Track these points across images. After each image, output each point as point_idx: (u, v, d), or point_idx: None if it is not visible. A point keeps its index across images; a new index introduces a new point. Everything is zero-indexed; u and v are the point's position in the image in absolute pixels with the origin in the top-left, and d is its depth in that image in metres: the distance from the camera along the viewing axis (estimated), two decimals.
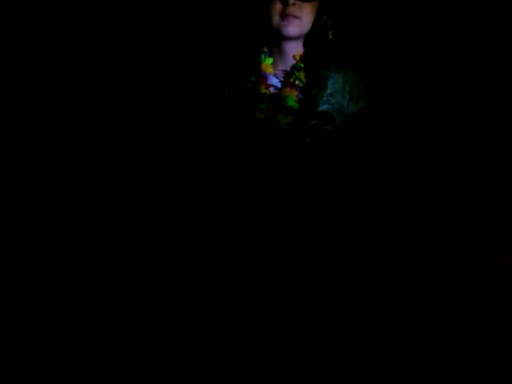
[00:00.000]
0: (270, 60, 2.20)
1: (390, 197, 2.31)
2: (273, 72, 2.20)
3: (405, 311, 2.40)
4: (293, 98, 2.14)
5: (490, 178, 2.54)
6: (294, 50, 2.20)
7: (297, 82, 2.16)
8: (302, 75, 2.17)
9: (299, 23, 2.15)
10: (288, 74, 2.18)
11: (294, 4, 2.13)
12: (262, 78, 2.17)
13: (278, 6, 2.15)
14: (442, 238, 2.50)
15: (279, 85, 2.18)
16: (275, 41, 2.20)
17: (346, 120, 2.16)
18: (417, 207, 2.52)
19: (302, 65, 2.18)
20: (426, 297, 2.42)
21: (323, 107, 2.15)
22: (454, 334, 2.39)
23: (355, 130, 2.16)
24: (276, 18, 2.15)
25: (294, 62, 2.20)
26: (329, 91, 2.17)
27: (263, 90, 2.16)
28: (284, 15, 2.14)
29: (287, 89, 2.16)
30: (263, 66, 2.19)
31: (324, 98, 2.15)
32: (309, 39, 2.20)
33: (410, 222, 2.49)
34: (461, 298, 2.42)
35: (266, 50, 2.21)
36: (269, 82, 2.18)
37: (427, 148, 2.55)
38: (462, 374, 2.35)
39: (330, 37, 2.21)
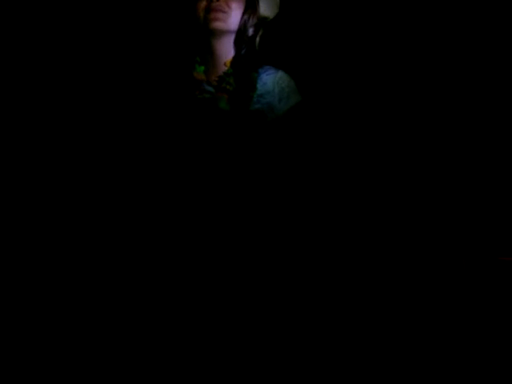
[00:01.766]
0: (201, 68, 2.26)
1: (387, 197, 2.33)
2: (205, 79, 2.25)
3: (405, 311, 2.40)
4: (224, 100, 2.20)
5: (490, 178, 2.54)
6: (224, 53, 2.25)
7: (228, 87, 2.22)
8: (231, 79, 2.22)
9: (225, 17, 2.20)
10: (219, 80, 2.24)
11: (218, 0, 2.19)
12: (195, 85, 2.24)
13: (203, 3, 2.21)
14: (441, 237, 2.50)
15: (212, 90, 2.23)
16: (205, 44, 2.25)
17: (277, 118, 2.21)
18: (416, 207, 2.52)
19: (231, 70, 2.23)
20: (426, 297, 2.42)
21: (254, 107, 2.20)
22: (454, 333, 2.39)
23: (286, 127, 2.21)
24: (202, 14, 2.21)
25: (224, 68, 2.25)
26: (258, 92, 2.23)
27: (198, 96, 2.22)
28: (209, 10, 2.19)
29: (219, 93, 2.21)
30: (195, 73, 2.26)
31: (255, 99, 2.21)
32: (237, 40, 2.25)
33: (410, 222, 2.50)
34: (460, 298, 2.42)
35: (198, 59, 2.27)
36: (202, 89, 2.23)
37: (426, 148, 2.56)
38: (462, 374, 2.34)
39: (258, 39, 2.27)
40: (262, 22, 2.30)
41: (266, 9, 2.30)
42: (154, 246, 2.21)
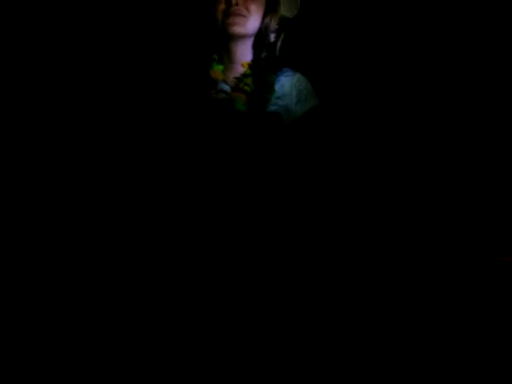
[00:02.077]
0: (219, 67, 2.23)
1: (387, 197, 2.34)
2: (222, 78, 2.23)
3: (404, 311, 2.40)
4: (241, 101, 2.17)
5: (490, 178, 2.54)
6: (242, 54, 2.22)
7: (245, 88, 2.19)
8: (249, 81, 2.19)
9: (244, 21, 2.17)
10: (237, 80, 2.21)
11: (237, 3, 2.15)
12: (211, 83, 2.21)
13: (222, 6, 2.17)
14: (441, 237, 2.51)
15: (229, 90, 2.21)
16: (223, 45, 2.22)
17: (293, 121, 2.19)
18: (416, 207, 2.52)
19: (249, 71, 2.20)
20: (426, 297, 2.42)
21: (271, 109, 2.17)
22: (454, 333, 2.40)
23: (302, 129, 2.19)
24: (220, 18, 2.17)
25: (242, 69, 2.22)
26: (276, 94, 2.19)
27: (214, 96, 2.19)
28: (228, 14, 2.15)
29: (236, 93, 2.18)
30: (213, 72, 2.23)
31: (272, 101, 2.18)
32: (256, 43, 2.22)
33: (410, 222, 2.50)
34: (460, 298, 2.42)
35: (215, 57, 2.24)
36: (219, 88, 2.21)
37: (426, 148, 2.57)
38: (462, 374, 2.35)
39: (279, 43, 2.24)
40: (284, 24, 2.26)
41: (286, 10, 2.26)
42: (165, 245, 2.20)
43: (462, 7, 2.56)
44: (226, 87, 2.21)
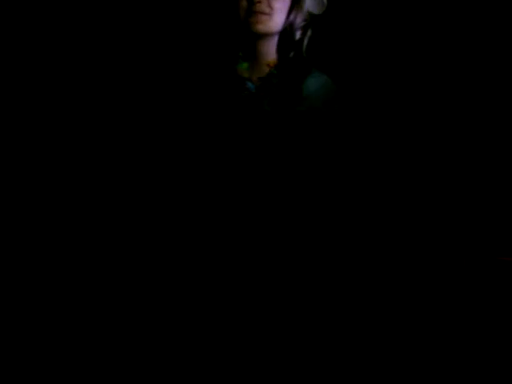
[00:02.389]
0: (245, 65, 2.18)
1: (383, 197, 2.33)
2: (248, 76, 2.18)
3: (404, 311, 2.40)
4: (267, 101, 2.13)
5: (490, 178, 2.54)
6: (268, 52, 2.16)
7: (271, 88, 2.14)
8: (275, 81, 2.14)
9: (267, 19, 2.10)
10: (263, 80, 2.16)
11: (259, 1, 2.09)
12: (238, 81, 2.16)
13: (244, 3, 2.11)
14: (441, 237, 2.51)
15: (254, 89, 2.16)
16: (248, 42, 2.17)
17: (319, 122, 2.13)
18: (416, 207, 2.52)
19: (275, 71, 2.15)
20: (426, 297, 2.43)
21: (297, 110, 2.12)
22: (454, 333, 2.40)
23: (327, 132, 2.15)
24: (243, 15, 2.11)
25: (268, 68, 2.16)
26: (302, 95, 2.12)
27: (240, 94, 2.15)
28: (251, 12, 2.10)
29: (261, 93, 2.14)
30: (239, 70, 2.18)
31: (298, 102, 2.12)
32: (281, 41, 2.15)
33: (410, 222, 2.50)
34: (460, 298, 2.43)
35: (241, 54, 2.19)
36: (244, 87, 2.16)
37: (421, 149, 2.57)
38: (462, 374, 2.35)
39: (306, 41, 2.17)
40: (310, 21, 2.17)
41: (312, 6, 2.16)
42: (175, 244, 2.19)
43: (462, 7, 2.56)
44: (252, 86, 2.16)
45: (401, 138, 2.57)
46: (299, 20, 2.14)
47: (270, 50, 2.16)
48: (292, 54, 2.15)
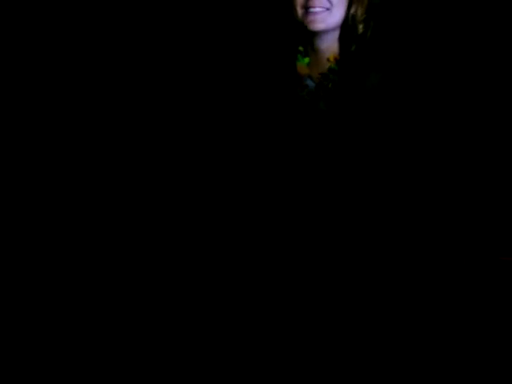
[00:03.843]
0: (305, 60, 2.09)
1: (389, 196, 2.32)
2: (308, 73, 2.10)
3: (404, 311, 2.40)
4: (324, 101, 2.05)
5: (490, 178, 2.54)
6: (328, 47, 2.06)
7: (330, 85, 2.05)
8: (336, 77, 2.05)
9: (326, 15, 2.00)
10: (323, 77, 2.07)
11: None
12: (297, 79, 2.08)
13: (301, 1, 2.02)
14: (441, 237, 2.50)
15: (313, 87, 2.09)
16: (307, 38, 2.07)
17: (378, 121, 2.05)
18: (416, 207, 2.52)
19: (336, 67, 2.05)
20: (426, 297, 2.42)
21: (357, 108, 2.03)
22: (454, 333, 2.39)
23: (388, 129, 2.07)
24: (300, 12, 2.02)
25: (329, 64, 2.07)
26: (363, 93, 2.03)
27: (299, 93, 2.08)
28: (307, 9, 2.00)
29: (321, 91, 2.05)
30: (299, 66, 2.09)
31: (359, 100, 2.03)
32: (342, 35, 2.06)
33: (410, 222, 2.49)
34: (460, 298, 2.42)
35: (301, 49, 2.10)
36: (304, 84, 2.09)
37: (426, 148, 2.55)
38: (462, 374, 2.34)
39: (368, 33, 2.06)
40: (372, 12, 2.05)
41: None
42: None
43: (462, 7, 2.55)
44: (311, 84, 2.07)
45: (403, 136, 2.56)
46: (360, 12, 2.05)
47: (331, 45, 2.06)
48: (354, 48, 2.05)
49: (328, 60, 2.06)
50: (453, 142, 2.55)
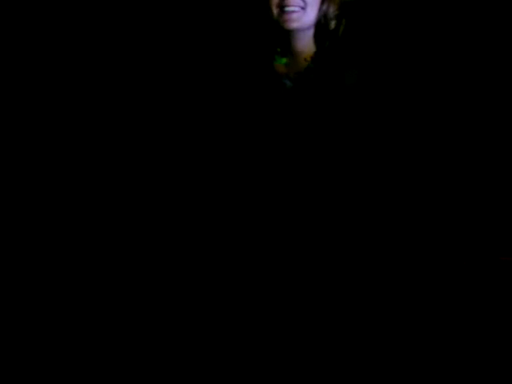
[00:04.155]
0: (283, 60, 2.13)
1: (387, 196, 2.32)
2: (286, 72, 2.12)
3: (404, 311, 2.39)
4: (305, 98, 2.07)
5: (490, 178, 2.54)
6: (305, 47, 2.10)
7: (308, 84, 2.08)
8: (313, 76, 2.08)
9: (300, 14, 2.04)
10: (300, 76, 2.10)
11: None
12: (275, 78, 2.11)
13: (276, 0, 2.05)
14: (441, 237, 2.50)
15: (290, 86, 2.12)
16: (284, 38, 2.11)
17: (358, 117, 2.08)
18: (416, 207, 2.52)
19: (312, 65, 2.09)
20: (426, 297, 2.42)
21: (336, 105, 2.05)
22: (454, 333, 2.39)
23: (368, 128, 2.10)
24: (275, 12, 2.05)
25: (305, 63, 2.10)
26: (341, 89, 2.06)
27: (276, 92, 2.10)
28: (283, 8, 2.03)
29: (299, 89, 2.08)
30: (276, 66, 2.13)
31: (337, 97, 2.05)
32: (316, 33, 2.09)
33: (410, 222, 2.49)
34: (460, 298, 2.42)
35: (279, 50, 2.13)
36: (281, 83, 2.11)
37: (426, 148, 2.55)
38: (462, 374, 2.34)
39: (341, 30, 2.09)
40: (345, 9, 2.09)
41: None
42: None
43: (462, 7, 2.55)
44: (289, 83, 2.10)
45: (402, 136, 2.56)
46: (332, 10, 2.08)
47: (308, 45, 2.10)
48: (328, 45, 2.08)
49: (305, 60, 2.09)
50: (448, 140, 2.56)
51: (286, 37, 2.10)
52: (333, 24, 2.09)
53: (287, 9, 2.04)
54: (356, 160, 2.08)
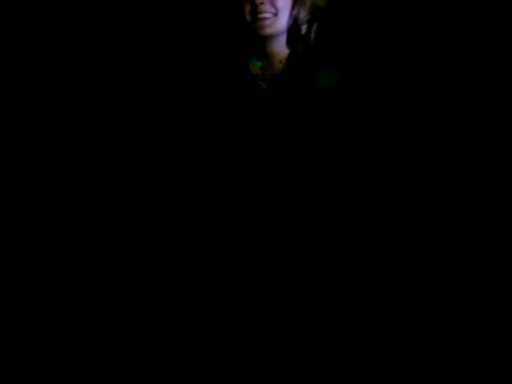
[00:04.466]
0: (258, 63, 2.18)
1: (387, 196, 2.32)
2: (260, 74, 2.18)
3: (404, 311, 2.40)
4: (279, 99, 2.12)
5: (490, 178, 2.54)
6: (279, 50, 2.16)
7: (283, 86, 2.14)
8: (287, 78, 2.14)
9: (273, 21, 2.11)
10: (274, 78, 2.16)
11: (262, 3, 2.09)
12: (250, 79, 2.17)
13: (248, 7, 2.12)
14: (441, 237, 2.50)
15: (266, 87, 2.16)
16: (259, 42, 2.17)
17: (332, 117, 2.13)
18: (416, 207, 2.52)
19: (286, 67, 2.15)
20: (426, 297, 2.42)
21: (309, 106, 2.11)
22: (454, 333, 2.39)
23: (342, 127, 2.14)
24: (249, 19, 2.12)
25: (280, 65, 2.16)
26: (314, 91, 2.12)
27: (252, 93, 2.15)
28: (256, 15, 2.10)
29: (274, 90, 2.13)
30: (252, 69, 2.18)
31: (310, 98, 2.11)
32: (289, 37, 2.15)
33: (410, 222, 2.49)
34: (460, 298, 2.42)
35: (254, 53, 2.19)
36: (257, 85, 2.17)
37: (426, 147, 2.56)
38: (462, 374, 2.34)
39: (313, 34, 2.16)
40: (316, 14, 2.16)
41: None
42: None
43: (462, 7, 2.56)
44: (264, 85, 2.16)
45: (402, 135, 2.56)
46: (303, 15, 2.14)
47: (282, 48, 2.16)
48: (300, 49, 2.14)
49: (280, 62, 2.15)
50: (451, 143, 2.56)
51: (261, 41, 2.17)
52: (304, 28, 2.16)
53: (260, 15, 2.10)
54: (330, 158, 2.12)
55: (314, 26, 2.17)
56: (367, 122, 2.18)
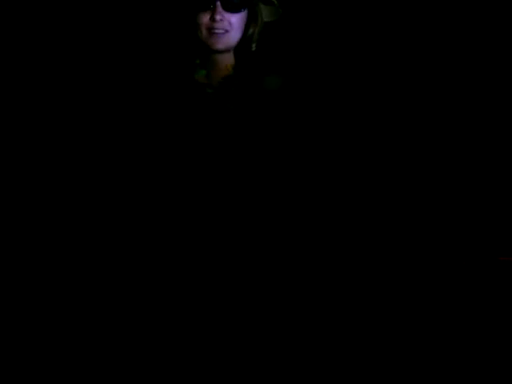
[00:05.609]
0: (202, 72, 2.22)
1: (384, 196, 2.34)
2: (206, 81, 2.21)
3: (404, 311, 2.40)
4: (227, 104, 2.16)
5: (490, 178, 2.54)
6: (227, 60, 2.21)
7: (229, 91, 2.18)
8: (234, 84, 2.18)
9: (227, 37, 2.15)
10: (222, 84, 2.19)
11: (221, 19, 2.13)
12: (196, 88, 2.19)
13: (205, 21, 2.15)
14: (441, 237, 2.51)
15: (212, 93, 2.19)
16: (206, 53, 2.21)
17: (281, 121, 2.17)
18: (416, 207, 2.52)
19: (232, 73, 2.19)
20: (426, 297, 2.42)
21: (256, 111, 2.16)
22: (454, 334, 2.40)
23: (289, 131, 2.18)
24: (204, 33, 2.15)
25: (226, 71, 2.20)
26: (261, 96, 2.16)
27: (198, 99, 2.18)
28: (211, 31, 2.14)
29: (220, 95, 2.17)
30: (197, 77, 2.21)
31: (257, 103, 2.16)
32: (237, 51, 2.21)
33: (410, 222, 2.50)
34: (460, 298, 2.42)
35: (198, 61, 2.23)
36: (204, 92, 2.19)
37: (427, 147, 2.57)
38: (462, 374, 2.35)
39: (254, 48, 2.23)
40: (266, 32, 2.25)
41: (267, 16, 2.25)
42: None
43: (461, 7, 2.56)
44: (211, 91, 2.20)
45: (397, 136, 2.57)
46: (256, 34, 2.22)
47: (230, 57, 2.22)
48: (247, 55, 2.21)
49: (226, 68, 2.21)
50: (451, 142, 2.57)
51: (209, 54, 2.21)
52: (253, 46, 2.23)
53: (215, 31, 2.14)
54: (277, 160, 2.15)
55: (264, 44, 2.24)
56: (315, 121, 2.23)
